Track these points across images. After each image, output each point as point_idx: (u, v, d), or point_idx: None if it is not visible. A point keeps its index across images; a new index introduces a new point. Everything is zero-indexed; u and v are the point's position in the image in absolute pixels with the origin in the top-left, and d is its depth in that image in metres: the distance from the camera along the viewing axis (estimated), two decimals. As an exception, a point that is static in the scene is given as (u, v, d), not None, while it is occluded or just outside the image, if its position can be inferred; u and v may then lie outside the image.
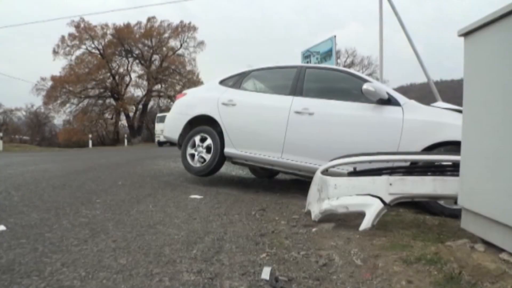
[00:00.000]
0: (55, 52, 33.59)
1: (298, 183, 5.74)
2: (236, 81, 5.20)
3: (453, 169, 2.79)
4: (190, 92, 5.80)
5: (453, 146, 3.47)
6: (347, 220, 3.16)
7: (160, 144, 26.14)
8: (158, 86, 39.12)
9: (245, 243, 2.52)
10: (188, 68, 39.09)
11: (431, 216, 3.42)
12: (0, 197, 3.58)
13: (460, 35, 2.22)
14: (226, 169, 7.26)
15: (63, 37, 33.57)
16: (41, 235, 2.43)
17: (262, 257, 2.24)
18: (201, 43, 38.52)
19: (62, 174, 5.69)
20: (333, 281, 1.90)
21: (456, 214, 3.14)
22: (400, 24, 8.94)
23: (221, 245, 2.43)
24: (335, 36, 9.89)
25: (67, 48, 34.00)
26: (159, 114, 28.83)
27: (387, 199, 2.72)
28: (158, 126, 26.12)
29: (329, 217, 3.13)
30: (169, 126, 5.56)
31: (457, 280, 1.74)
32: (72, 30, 33.60)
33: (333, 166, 3.27)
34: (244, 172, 7.08)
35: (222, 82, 5.30)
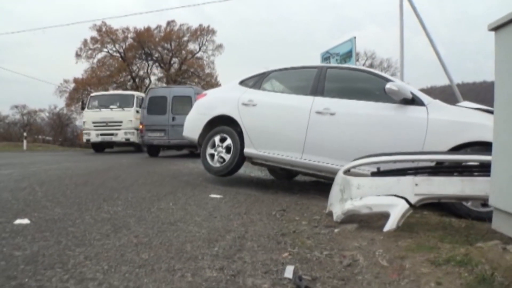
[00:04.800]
0: (77, 55, 34.30)
1: (318, 184, 5.67)
2: (256, 81, 5.18)
3: (481, 169, 2.69)
4: (210, 93, 5.82)
5: (480, 147, 3.36)
6: (370, 222, 3.09)
7: (96, 147, 15.23)
8: (177, 89, 39.48)
9: (266, 242, 2.49)
10: (207, 71, 39.35)
11: (457, 218, 3.31)
12: (25, 193, 3.64)
13: (491, 30, 2.14)
14: (245, 171, 7.24)
15: (85, 40, 34.27)
16: (64, 229, 2.46)
17: (284, 256, 2.20)
18: (220, 46, 38.72)
19: (84, 173, 5.77)
20: (358, 282, 1.84)
21: (483, 217, 3.04)
22: (421, 25, 8.75)
23: (242, 244, 2.40)
24: (355, 37, 9.76)
25: (89, 51, 34.71)
26: (93, 94, 16.65)
27: (413, 200, 2.64)
28: (88, 116, 14.64)
29: (351, 218, 3.07)
30: (189, 126, 5.57)
31: (489, 282, 1.66)
32: (94, 33, 34.33)
33: (356, 166, 3.21)
34: (263, 174, 7.05)
35: (242, 83, 5.28)
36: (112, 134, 14.15)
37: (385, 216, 2.80)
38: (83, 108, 15.28)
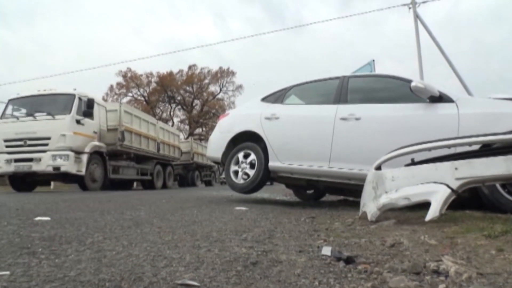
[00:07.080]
0: (104, 100, 35.55)
1: (346, 201, 5.42)
2: (278, 97, 5.11)
3: None
4: (232, 112, 5.80)
5: None
6: (408, 219, 2.86)
7: (15, 182, 9.36)
8: (199, 130, 40.13)
9: (298, 234, 2.30)
10: (228, 111, 39.99)
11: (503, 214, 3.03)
12: (48, 205, 3.58)
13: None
14: (269, 195, 7.07)
15: (111, 86, 35.69)
16: (85, 223, 2.34)
17: (319, 242, 2.01)
18: (240, 86, 39.57)
19: (107, 197, 5.72)
20: (407, 256, 1.63)
21: (532, 210, 2.77)
22: (441, 52, 8.66)
23: (272, 234, 2.23)
24: (373, 60, 9.72)
25: (115, 96, 36.02)
26: (13, 96, 9.67)
27: (454, 184, 2.41)
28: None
29: (387, 216, 2.85)
30: (212, 146, 5.49)
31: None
32: (120, 79, 35.73)
33: (388, 159, 3.00)
34: (288, 197, 6.84)
35: (264, 99, 5.22)
36: (31, 160, 8.38)
37: (423, 216, 2.55)
38: None
